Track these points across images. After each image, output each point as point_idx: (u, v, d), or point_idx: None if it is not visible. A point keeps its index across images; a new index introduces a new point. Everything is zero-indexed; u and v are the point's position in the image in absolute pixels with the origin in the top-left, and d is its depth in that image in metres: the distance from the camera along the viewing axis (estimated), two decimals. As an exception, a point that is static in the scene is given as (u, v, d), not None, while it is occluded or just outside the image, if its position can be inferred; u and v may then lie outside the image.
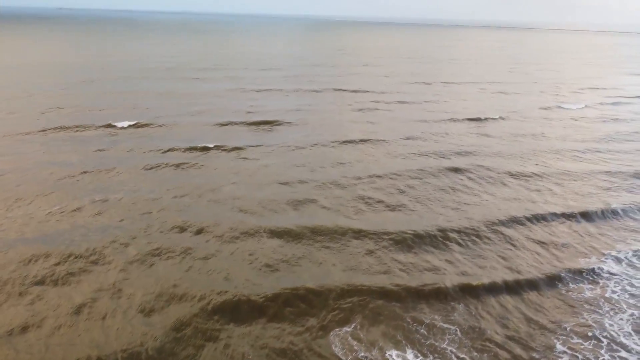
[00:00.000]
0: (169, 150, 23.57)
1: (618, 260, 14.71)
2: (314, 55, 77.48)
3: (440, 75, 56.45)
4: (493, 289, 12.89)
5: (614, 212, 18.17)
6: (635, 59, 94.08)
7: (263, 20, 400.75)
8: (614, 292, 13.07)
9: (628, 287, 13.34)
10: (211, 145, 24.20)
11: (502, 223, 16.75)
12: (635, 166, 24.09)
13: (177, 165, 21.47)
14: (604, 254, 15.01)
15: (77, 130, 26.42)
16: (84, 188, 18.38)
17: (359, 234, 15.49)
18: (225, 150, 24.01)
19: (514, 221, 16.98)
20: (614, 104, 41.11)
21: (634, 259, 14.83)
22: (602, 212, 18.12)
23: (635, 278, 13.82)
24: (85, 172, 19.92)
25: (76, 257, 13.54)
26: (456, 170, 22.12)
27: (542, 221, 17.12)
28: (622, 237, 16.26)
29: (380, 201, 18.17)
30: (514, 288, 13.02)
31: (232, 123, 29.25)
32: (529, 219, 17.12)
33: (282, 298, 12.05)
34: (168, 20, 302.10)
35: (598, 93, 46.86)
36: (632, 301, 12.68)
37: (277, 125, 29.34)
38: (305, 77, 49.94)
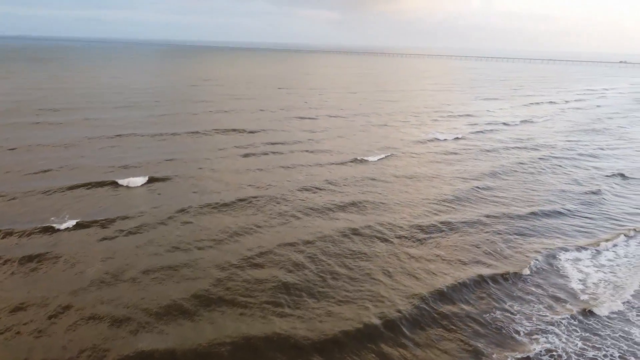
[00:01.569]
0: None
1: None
2: (180, 88, 72.18)
3: (316, 106, 55.60)
4: None
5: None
6: (485, 82, 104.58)
7: (107, 45, 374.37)
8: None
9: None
10: (62, 227, 18.98)
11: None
12: (528, 204, 24.47)
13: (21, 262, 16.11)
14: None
15: None
16: None
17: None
18: (83, 227, 19.02)
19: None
20: (482, 132, 43.46)
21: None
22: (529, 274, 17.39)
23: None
24: None
25: None
26: (356, 232, 20.04)
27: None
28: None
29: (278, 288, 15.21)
30: None
31: (88, 185, 23.97)
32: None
33: None
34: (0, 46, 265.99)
35: (466, 121, 49.60)
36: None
37: (149, 185, 24.78)
38: (175, 116, 45.21)
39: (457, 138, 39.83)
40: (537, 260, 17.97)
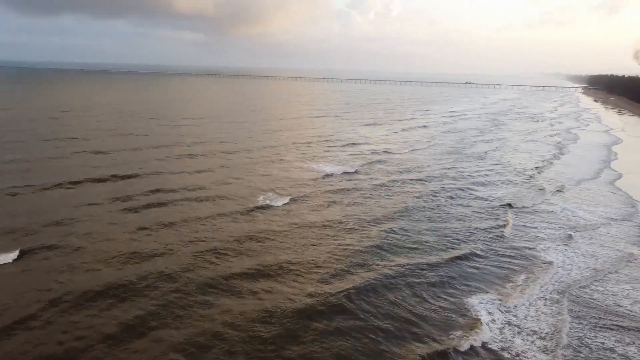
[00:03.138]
0: None
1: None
2: (39, 120, 62.31)
3: (196, 140, 51.24)
4: None
5: None
6: (358, 106, 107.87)
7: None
8: None
9: None
10: None
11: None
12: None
13: None
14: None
15: None
16: None
17: None
18: None
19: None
20: (375, 162, 43.11)
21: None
22: None
23: None
24: None
25: None
26: (271, 314, 17.32)
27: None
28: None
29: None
30: None
31: None
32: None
33: None
34: None
35: (356, 150, 49.30)
36: None
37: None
38: (34, 163, 37.91)
39: (353, 172, 38.85)
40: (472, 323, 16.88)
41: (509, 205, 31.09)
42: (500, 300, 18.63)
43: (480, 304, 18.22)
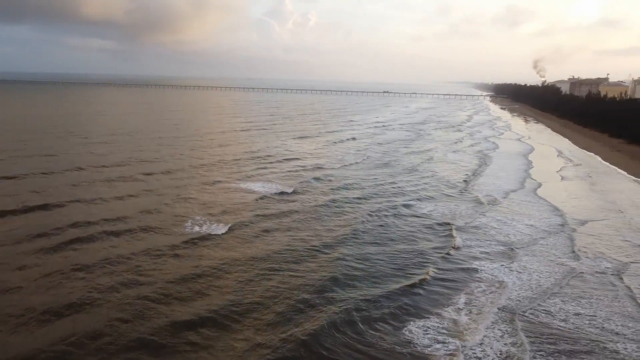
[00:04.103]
0: None
1: None
2: None
3: (118, 161, 46.85)
4: None
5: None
6: (284, 118, 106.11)
7: None
8: None
9: None
10: None
11: None
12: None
13: None
14: None
15: None
16: None
17: None
18: None
19: None
20: (315, 179, 41.64)
21: None
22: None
23: None
24: None
25: None
26: None
27: None
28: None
29: None
30: None
31: None
32: None
33: None
34: None
35: (292, 166, 47.48)
36: None
37: None
38: None
39: (291, 192, 36.95)
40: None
41: (450, 223, 30.89)
42: (455, 329, 17.81)
43: (435, 335, 17.31)
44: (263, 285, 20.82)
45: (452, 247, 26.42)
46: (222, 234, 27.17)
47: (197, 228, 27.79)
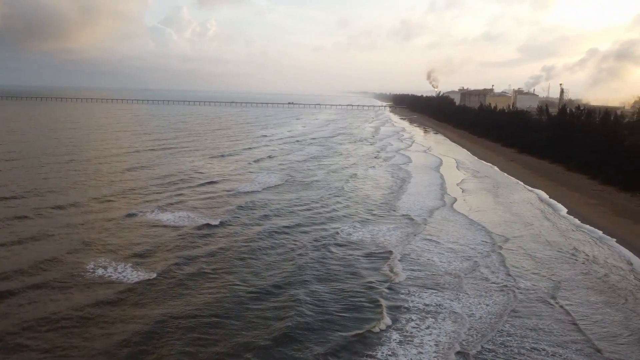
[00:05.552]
0: None
1: None
2: None
3: (21, 192, 40.14)
4: None
5: None
6: (193, 133, 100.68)
7: None
8: None
9: None
10: None
11: None
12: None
13: None
14: None
15: None
16: None
17: None
18: None
19: None
20: (242, 208, 38.87)
21: None
22: None
23: None
24: None
25: None
26: None
27: None
28: None
29: None
30: None
31: None
32: None
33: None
34: None
35: (216, 190, 44.19)
36: None
37: None
38: None
39: (217, 225, 33.81)
40: None
41: (391, 251, 30.24)
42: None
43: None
44: (201, 353, 18.16)
45: (396, 279, 25.74)
46: (140, 281, 23.64)
47: (106, 279, 23.91)
